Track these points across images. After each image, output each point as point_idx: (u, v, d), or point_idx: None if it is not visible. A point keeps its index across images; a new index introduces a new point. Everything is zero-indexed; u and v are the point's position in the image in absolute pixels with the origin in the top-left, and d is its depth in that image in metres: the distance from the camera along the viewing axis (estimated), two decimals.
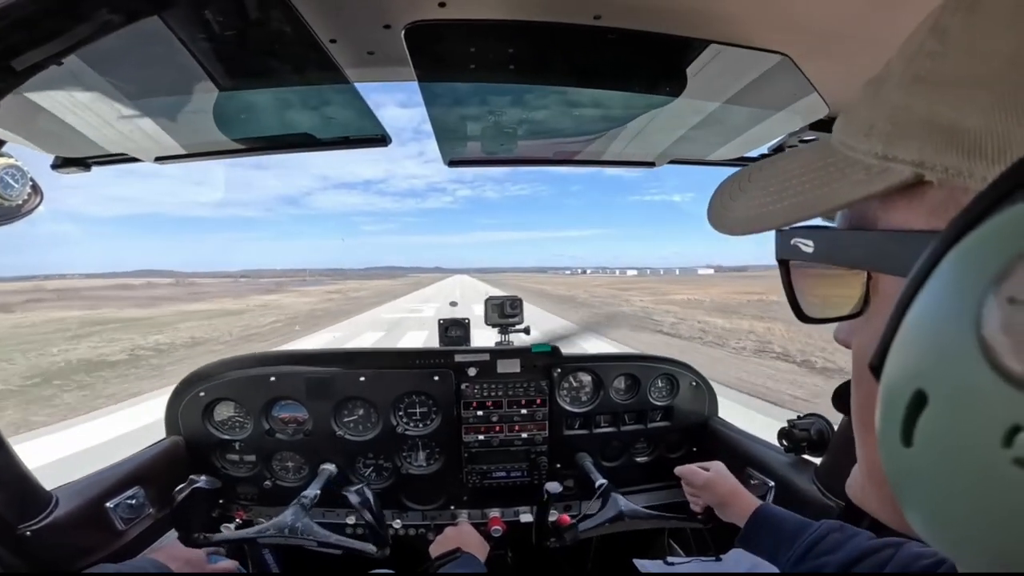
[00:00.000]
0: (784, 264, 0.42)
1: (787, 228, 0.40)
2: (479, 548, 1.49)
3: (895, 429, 0.25)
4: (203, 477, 1.48)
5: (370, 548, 1.52)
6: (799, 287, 0.42)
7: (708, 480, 1.42)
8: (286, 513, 1.58)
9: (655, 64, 1.04)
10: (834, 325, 0.44)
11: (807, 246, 0.38)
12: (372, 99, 1.20)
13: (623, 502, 1.66)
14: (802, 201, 0.38)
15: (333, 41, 0.97)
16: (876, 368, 0.27)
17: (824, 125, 1.25)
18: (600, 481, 1.80)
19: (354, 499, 1.57)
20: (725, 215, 0.45)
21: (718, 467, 1.48)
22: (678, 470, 1.55)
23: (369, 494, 1.60)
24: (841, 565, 0.93)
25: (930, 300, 0.24)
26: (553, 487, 1.68)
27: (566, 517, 1.55)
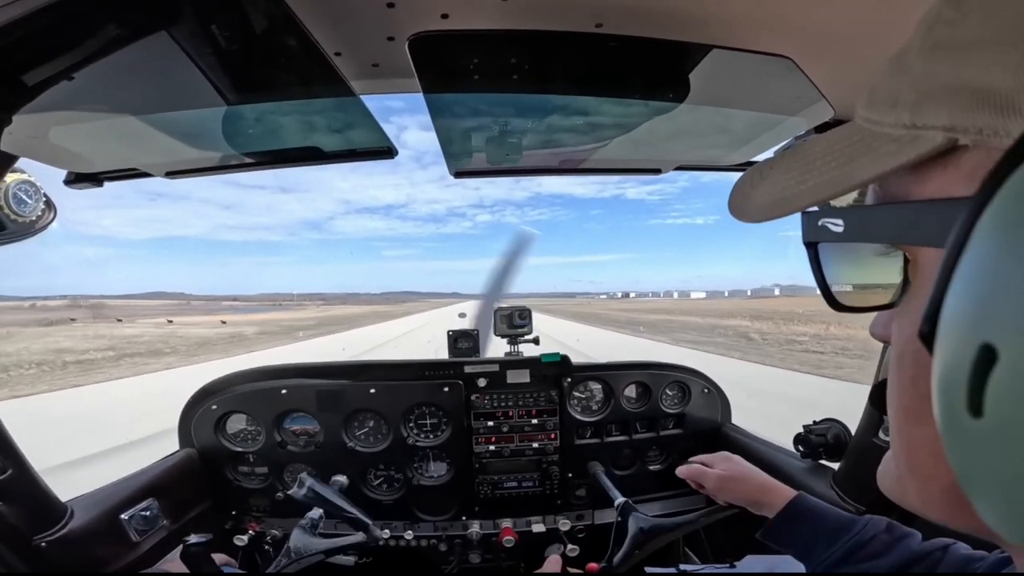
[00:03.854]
0: (812, 248, 0.40)
1: (813, 210, 0.39)
2: None
3: (959, 398, 0.22)
4: (192, 536, 1.28)
5: (359, 537, 1.49)
6: (832, 277, 0.40)
7: (723, 479, 1.27)
8: (289, 540, 1.51)
9: (658, 70, 1.04)
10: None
11: (836, 225, 0.37)
12: (393, 120, 1.24)
13: (643, 519, 1.54)
14: (828, 180, 0.37)
15: (338, 54, 0.98)
16: (927, 335, 0.25)
17: (830, 128, 1.23)
18: (619, 500, 1.69)
19: (297, 494, 1.55)
20: (746, 204, 0.44)
21: (727, 458, 1.33)
22: (680, 471, 1.40)
23: (311, 481, 1.57)
24: (889, 570, 0.86)
25: (989, 244, 0.22)
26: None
27: (594, 565, 1.46)
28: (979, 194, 0.22)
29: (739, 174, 0.49)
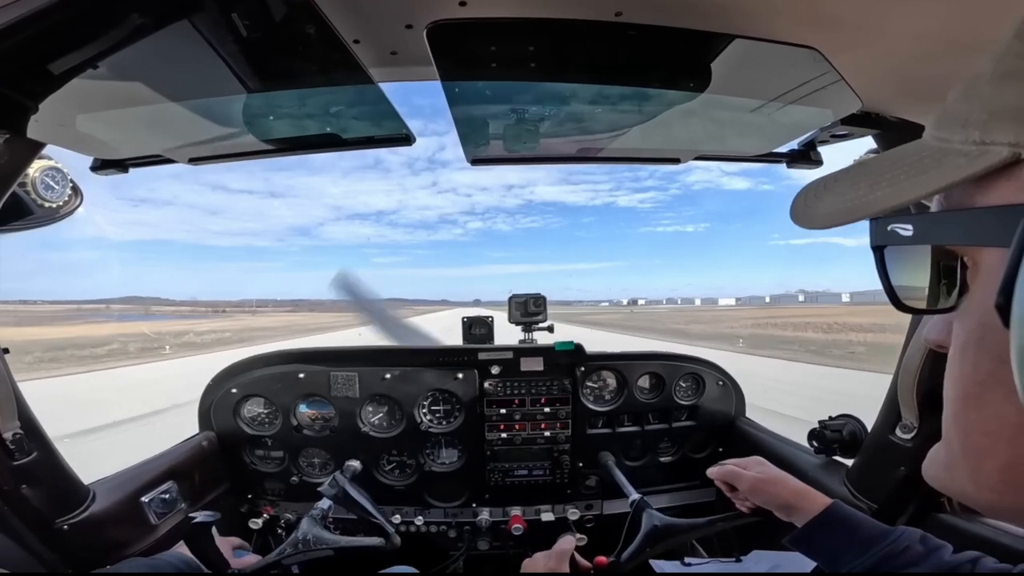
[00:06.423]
0: (879, 251, 0.43)
1: (882, 216, 0.42)
2: None
3: None
4: (199, 513, 1.31)
5: (377, 541, 1.45)
6: (894, 281, 0.44)
7: (759, 481, 1.21)
8: (298, 529, 1.47)
9: (678, 60, 1.02)
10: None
11: (905, 230, 0.40)
12: None
13: (658, 517, 1.48)
14: (898, 190, 0.40)
15: (357, 42, 0.98)
16: (1004, 307, 0.29)
17: (858, 120, 1.20)
18: (633, 496, 1.64)
19: (328, 492, 1.52)
20: (811, 213, 0.48)
21: (760, 462, 1.28)
22: (711, 472, 1.34)
23: (343, 482, 1.53)
24: None
25: None
26: None
27: (602, 558, 1.40)
28: None
29: (760, 165, 0.54)
